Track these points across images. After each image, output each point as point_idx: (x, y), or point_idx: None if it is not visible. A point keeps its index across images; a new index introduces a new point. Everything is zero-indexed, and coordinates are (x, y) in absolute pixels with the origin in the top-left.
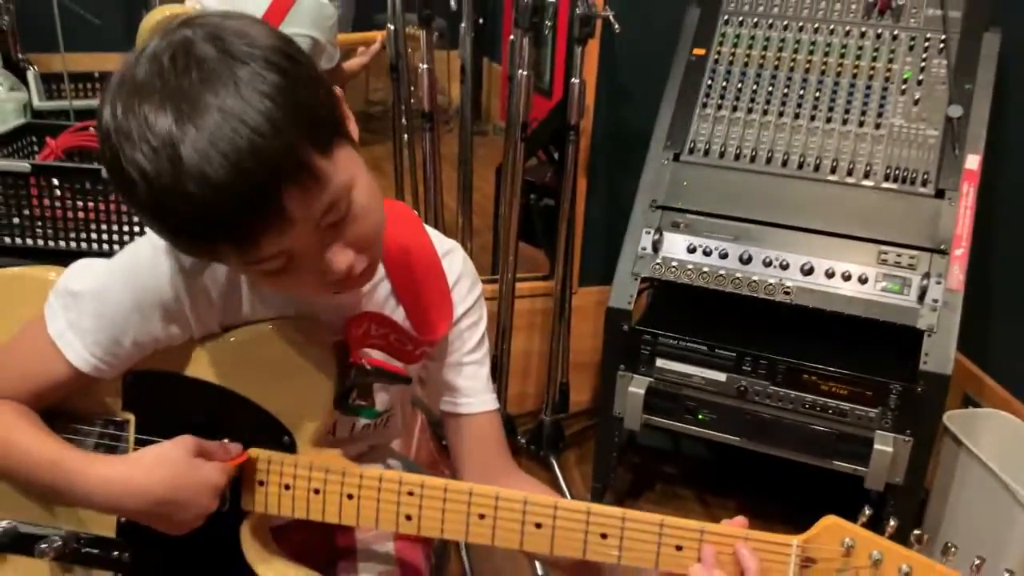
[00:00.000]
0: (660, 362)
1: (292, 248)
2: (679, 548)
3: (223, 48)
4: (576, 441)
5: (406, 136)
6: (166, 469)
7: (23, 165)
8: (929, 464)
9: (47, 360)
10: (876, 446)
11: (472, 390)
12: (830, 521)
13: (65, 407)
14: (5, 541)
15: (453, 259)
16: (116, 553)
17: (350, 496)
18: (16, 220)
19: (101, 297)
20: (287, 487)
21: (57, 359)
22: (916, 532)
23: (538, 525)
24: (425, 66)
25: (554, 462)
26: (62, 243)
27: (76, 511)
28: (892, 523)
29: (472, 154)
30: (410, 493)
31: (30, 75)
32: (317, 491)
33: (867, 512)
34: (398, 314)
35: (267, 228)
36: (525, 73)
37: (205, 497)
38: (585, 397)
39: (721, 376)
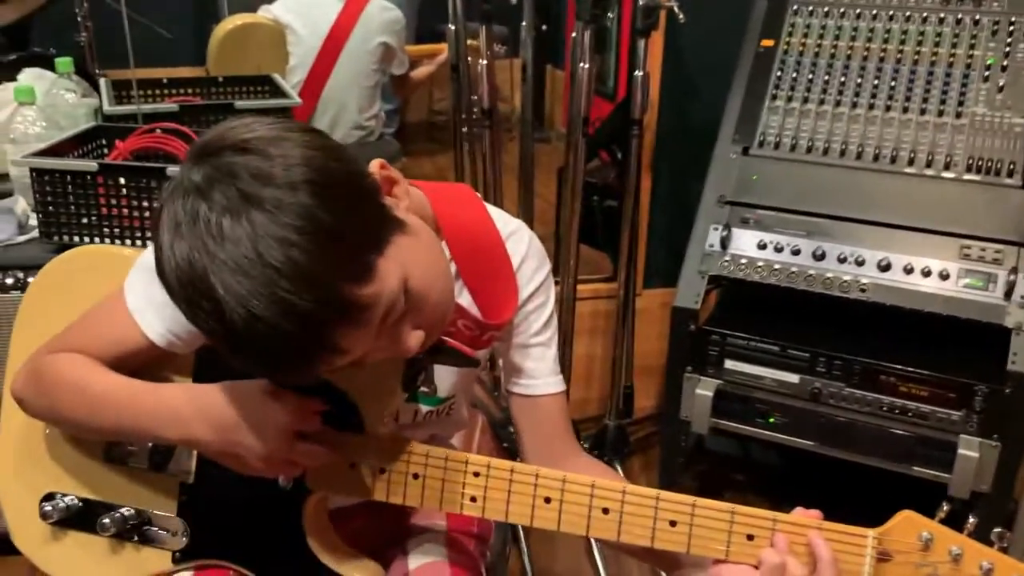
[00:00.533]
0: (729, 363)
1: (359, 357)
2: (750, 538)
3: (239, 190)
4: (641, 447)
5: (467, 145)
6: (235, 394)
7: (91, 165)
8: (1019, 472)
9: (125, 330)
10: (960, 451)
11: (538, 372)
12: (907, 515)
13: (139, 374)
14: (69, 516)
15: (518, 240)
16: (175, 532)
17: (416, 476)
18: (85, 220)
19: None
20: (353, 466)
21: (134, 330)
22: (997, 530)
23: (605, 511)
24: (484, 62)
25: (618, 468)
26: (128, 241)
27: (141, 488)
28: (972, 520)
29: (534, 161)
30: (476, 474)
31: (102, 82)
32: (383, 470)
33: (945, 507)
34: (464, 298)
35: (329, 359)
36: (586, 67)
37: (271, 430)
38: (650, 403)
39: (794, 378)
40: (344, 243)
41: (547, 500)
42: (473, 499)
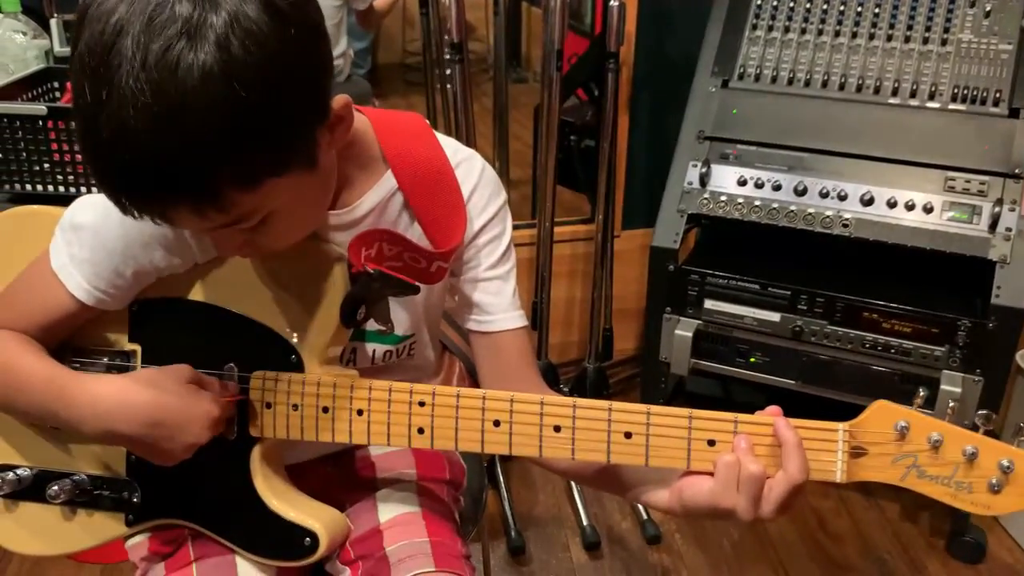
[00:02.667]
0: (709, 303)
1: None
2: (711, 443)
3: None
4: (621, 389)
5: (439, 85)
6: (157, 391)
7: (40, 108)
8: (1001, 406)
9: (51, 293)
10: (943, 387)
11: (495, 307)
12: (881, 404)
13: (73, 341)
14: (21, 488)
15: (469, 168)
16: (126, 494)
17: (360, 412)
18: (37, 167)
19: (102, 229)
20: (295, 407)
21: (60, 292)
22: (982, 412)
23: (557, 428)
24: None
25: None
26: (83, 189)
27: (90, 453)
28: (952, 405)
29: (509, 101)
30: (421, 403)
31: (52, 23)
32: (326, 409)
33: (922, 394)
34: (414, 230)
35: (149, 210)
36: None
37: (196, 425)
38: (630, 345)
39: (775, 316)
40: (253, 142)
41: (496, 423)
42: (420, 430)
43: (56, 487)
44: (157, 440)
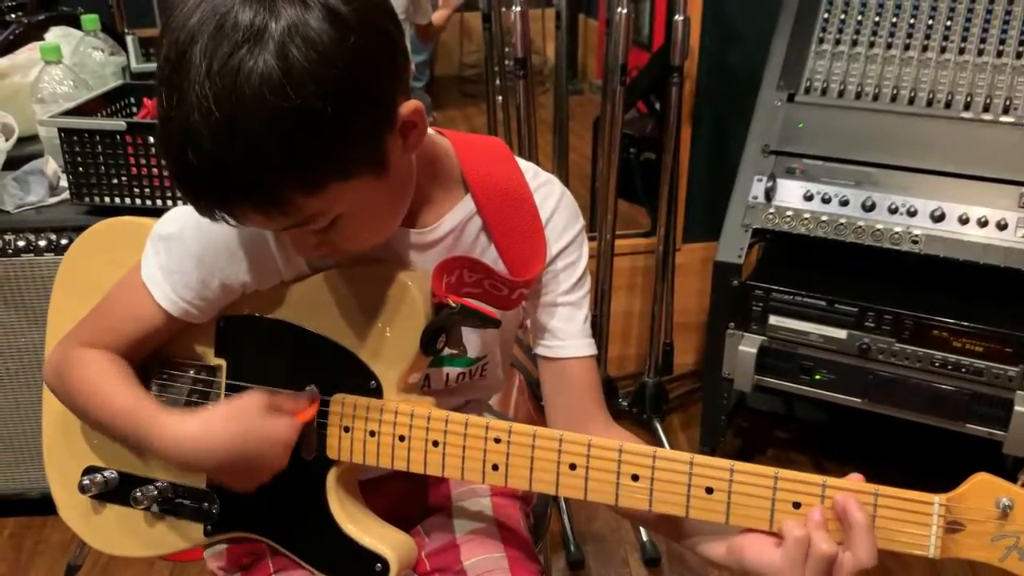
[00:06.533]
0: (773, 319)
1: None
2: (796, 505)
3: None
4: (681, 404)
5: (500, 98)
6: (235, 425)
7: (119, 124)
8: None
9: (140, 304)
10: (1017, 408)
11: (566, 333)
12: (982, 478)
13: (161, 354)
14: (108, 490)
15: (548, 192)
16: (206, 505)
17: (435, 443)
18: (115, 180)
19: (190, 240)
20: (372, 434)
21: (148, 303)
22: None
23: (635, 477)
24: (518, 9)
25: (658, 425)
26: (159, 202)
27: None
28: None
29: (568, 112)
30: (497, 440)
31: (129, 40)
32: (402, 438)
33: None
34: (490, 253)
35: (219, 211)
36: (624, 11)
37: (275, 453)
38: (690, 359)
39: (841, 333)
40: (313, 148)
41: (572, 467)
42: (495, 467)
43: (140, 492)
44: (239, 471)
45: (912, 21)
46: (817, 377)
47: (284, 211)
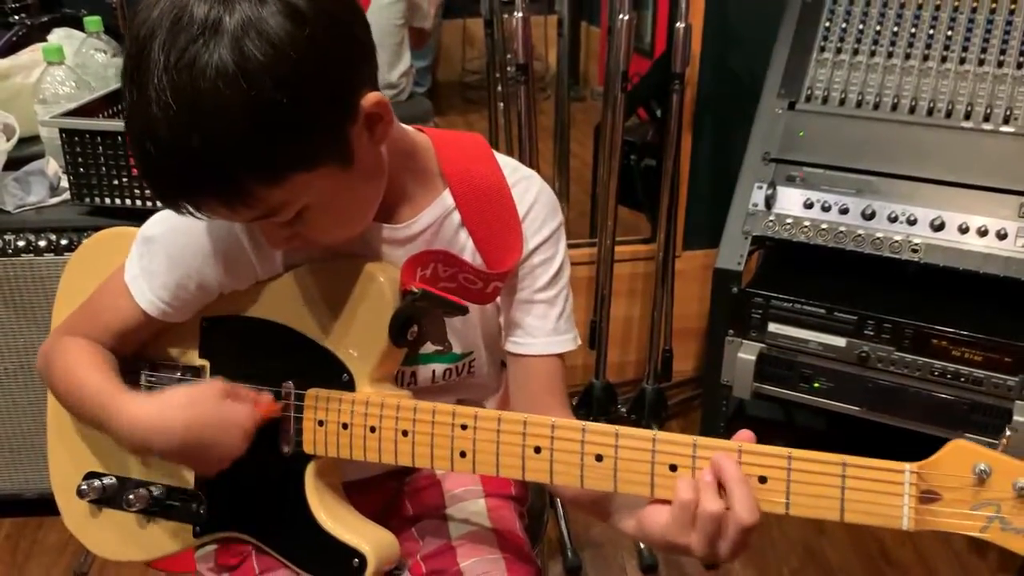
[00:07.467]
0: (773, 327)
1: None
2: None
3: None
4: (680, 411)
5: (501, 104)
6: (191, 411)
7: (119, 125)
8: None
9: (121, 304)
10: (1016, 417)
11: (537, 331)
12: (957, 444)
13: (148, 354)
14: (104, 496)
15: (526, 188)
16: (194, 506)
17: (404, 433)
18: (116, 181)
19: (170, 242)
20: (344, 426)
21: (129, 302)
22: None
23: (599, 457)
24: (520, 15)
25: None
26: (159, 203)
27: (164, 464)
28: None
29: (569, 119)
30: (463, 426)
31: None
32: (373, 429)
33: (1008, 434)
34: (468, 247)
35: (183, 204)
36: (626, 18)
37: (232, 437)
38: (689, 366)
39: (840, 341)
40: (270, 139)
41: (537, 449)
42: (463, 454)
43: (132, 495)
44: (195, 456)
45: (913, 31)
46: (816, 385)
47: (246, 203)
